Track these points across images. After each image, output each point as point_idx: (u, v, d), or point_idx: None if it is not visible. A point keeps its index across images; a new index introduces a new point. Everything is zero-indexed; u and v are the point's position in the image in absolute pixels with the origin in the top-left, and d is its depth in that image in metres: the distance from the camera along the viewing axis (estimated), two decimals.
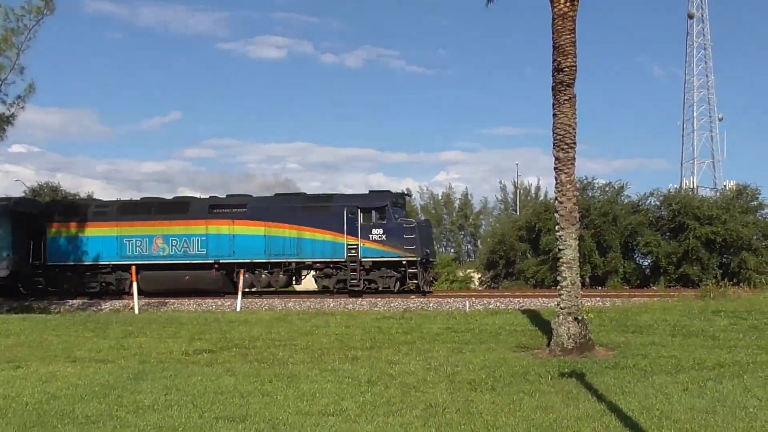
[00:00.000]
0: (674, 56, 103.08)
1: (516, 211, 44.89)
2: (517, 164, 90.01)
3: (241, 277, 22.46)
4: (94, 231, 25.08)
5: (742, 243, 27.94)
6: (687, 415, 7.19)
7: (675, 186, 35.65)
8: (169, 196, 27.41)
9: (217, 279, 24.49)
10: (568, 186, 11.52)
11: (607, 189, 31.19)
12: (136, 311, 19.78)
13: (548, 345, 11.41)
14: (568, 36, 11.45)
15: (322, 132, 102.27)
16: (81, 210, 25.87)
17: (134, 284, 20.69)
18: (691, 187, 38.79)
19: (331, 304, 21.64)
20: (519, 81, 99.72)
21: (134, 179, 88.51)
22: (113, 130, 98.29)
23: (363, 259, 23.37)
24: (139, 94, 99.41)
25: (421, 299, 22.22)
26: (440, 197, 52.54)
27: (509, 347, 11.76)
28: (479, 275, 35.26)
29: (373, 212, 23.62)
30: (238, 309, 20.24)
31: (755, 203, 30.15)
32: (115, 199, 27.53)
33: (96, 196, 39.24)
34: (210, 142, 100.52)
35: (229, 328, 14.87)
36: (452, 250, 49.88)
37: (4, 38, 20.54)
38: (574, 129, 11.54)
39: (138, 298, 20.65)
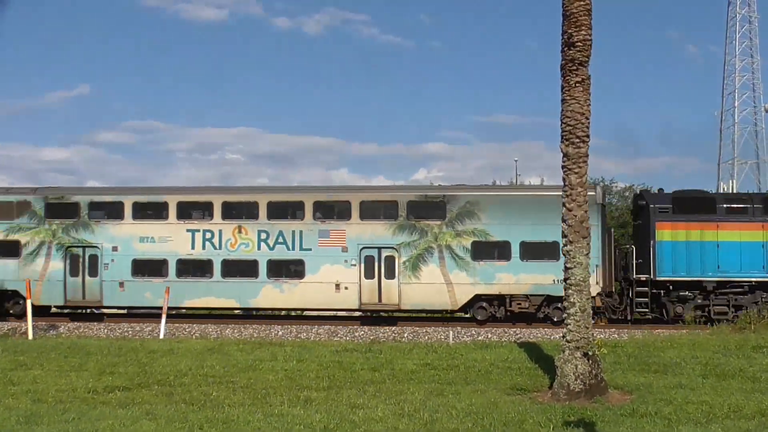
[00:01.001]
0: (712, 31, 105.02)
1: None
2: (516, 161, 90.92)
3: (166, 295, 22.24)
4: (725, 234, 23.36)
5: None
6: None
7: (711, 191, 36.26)
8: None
9: None
10: (579, 189, 11.66)
11: (626, 194, 31.65)
12: (30, 336, 19.48)
13: (551, 387, 11.53)
14: (581, 2, 11.61)
15: (271, 116, 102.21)
16: (704, 204, 24.01)
17: (28, 301, 20.37)
18: (731, 192, 39.38)
19: (280, 332, 21.56)
20: (520, 57, 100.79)
21: (29, 168, 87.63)
22: (2, 105, 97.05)
23: None
24: (38, 61, 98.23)
25: (394, 328, 22.23)
26: None
27: (502, 389, 11.85)
28: None
29: None
30: (161, 336, 20.07)
31: None
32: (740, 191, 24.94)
33: None
34: (128, 125, 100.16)
35: (149, 359, 14.77)
36: None
37: None
38: (587, 119, 11.69)
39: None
